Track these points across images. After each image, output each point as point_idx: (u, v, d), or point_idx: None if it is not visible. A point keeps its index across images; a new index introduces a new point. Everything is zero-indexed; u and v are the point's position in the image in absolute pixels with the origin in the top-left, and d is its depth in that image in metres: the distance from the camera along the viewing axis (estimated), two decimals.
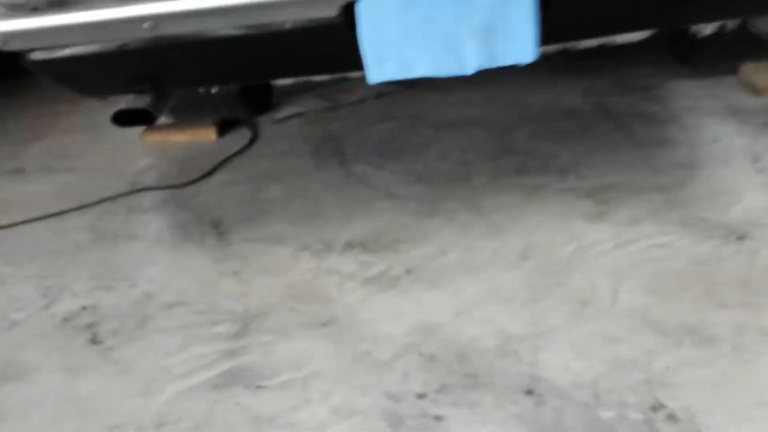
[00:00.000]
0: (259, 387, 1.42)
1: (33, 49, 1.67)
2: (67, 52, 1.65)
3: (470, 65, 1.58)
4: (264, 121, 2.78)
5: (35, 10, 1.60)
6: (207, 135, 2.71)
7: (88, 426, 1.39)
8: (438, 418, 1.28)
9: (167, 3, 1.53)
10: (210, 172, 2.40)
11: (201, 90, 2.61)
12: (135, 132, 2.79)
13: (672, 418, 1.21)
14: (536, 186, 2.01)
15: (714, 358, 1.32)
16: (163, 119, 2.78)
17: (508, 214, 1.89)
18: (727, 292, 1.48)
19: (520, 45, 1.55)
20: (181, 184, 2.35)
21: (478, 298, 1.59)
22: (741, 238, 1.65)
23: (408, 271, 1.72)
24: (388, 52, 1.56)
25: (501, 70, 2.95)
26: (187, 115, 2.74)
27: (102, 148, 2.78)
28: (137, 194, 2.33)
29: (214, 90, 2.61)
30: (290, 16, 1.54)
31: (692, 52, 2.53)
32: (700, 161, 2.01)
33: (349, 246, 1.86)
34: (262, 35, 1.58)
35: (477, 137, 2.38)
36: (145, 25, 1.56)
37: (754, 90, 2.37)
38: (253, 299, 1.70)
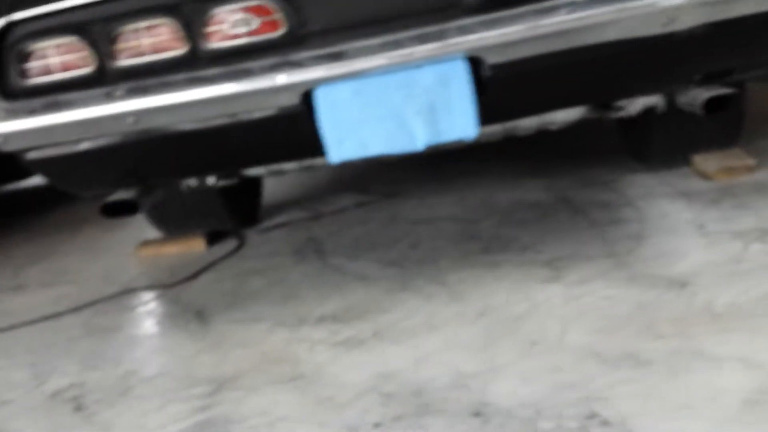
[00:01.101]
0: (228, 431, 1.51)
1: (30, 149, 1.88)
2: (59, 150, 1.86)
3: (420, 141, 1.76)
4: (250, 232, 2.97)
5: (32, 112, 1.82)
6: (196, 245, 2.88)
7: None
8: None
9: (148, 99, 1.75)
10: (197, 274, 2.56)
11: (191, 204, 2.83)
12: (129, 248, 2.98)
13: (605, 423, 1.29)
14: (497, 262, 2.15)
15: (647, 377, 1.41)
16: (154, 234, 2.99)
17: (470, 283, 2.02)
18: (665, 326, 1.59)
19: (462, 122, 1.74)
20: (169, 284, 2.50)
21: (437, 348, 1.69)
22: (683, 285, 1.77)
23: (374, 334, 1.83)
24: (346, 133, 1.76)
25: (472, 175, 3.18)
26: (177, 229, 2.93)
27: (98, 264, 2.95)
28: (129, 295, 2.47)
29: (202, 203, 2.83)
30: (257, 106, 1.76)
31: (645, 148, 2.75)
32: (649, 232, 2.16)
33: (322, 319, 1.98)
34: (233, 125, 1.79)
35: (447, 229, 2.54)
36: (129, 120, 1.77)
37: (705, 176, 2.55)
38: (228, 367, 1.81)
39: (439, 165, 3.54)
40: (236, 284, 2.39)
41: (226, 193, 2.84)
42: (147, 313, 2.32)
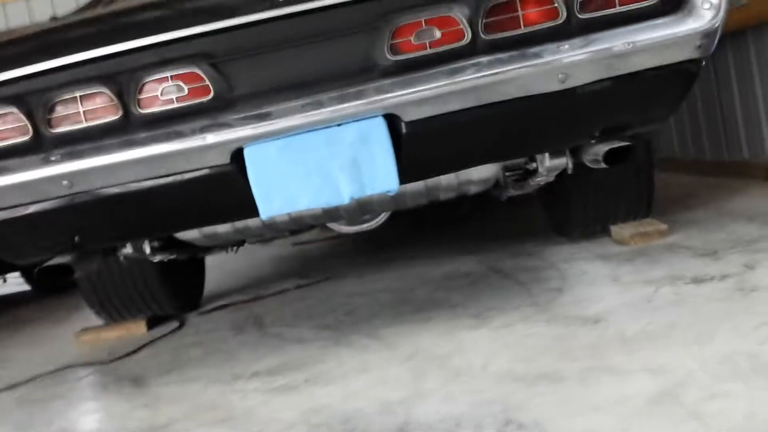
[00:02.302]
0: None
1: None
2: None
3: (345, 195, 1.87)
4: (191, 315, 3.00)
5: None
6: (137, 329, 2.89)
7: None
8: None
9: (82, 162, 1.84)
10: (135, 351, 2.57)
11: (131, 287, 2.87)
12: (70, 336, 2.97)
13: (521, 426, 1.35)
14: (429, 317, 2.23)
15: (562, 389, 1.48)
16: (95, 322, 2.99)
17: (402, 335, 2.09)
18: (579, 352, 1.68)
19: (384, 175, 1.86)
20: (107, 361, 2.50)
21: (366, 386, 1.74)
22: (597, 321, 1.87)
23: (306, 381, 1.87)
24: (274, 189, 1.86)
25: (409, 258, 3.30)
26: (118, 314, 2.95)
27: (39, 351, 2.93)
28: (66, 372, 2.46)
29: (143, 286, 2.87)
30: (189, 165, 1.85)
31: (566, 222, 2.92)
32: (569, 285, 2.28)
33: (256, 374, 2.01)
34: (166, 186, 1.88)
35: (383, 299, 2.62)
36: (64, 183, 1.85)
37: (621, 242, 2.71)
38: (160, 418, 1.81)
39: (376, 253, 3.66)
40: (174, 356, 2.41)
41: (167, 276, 2.88)
42: (83, 385, 2.30)
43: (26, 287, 5.00)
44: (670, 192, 3.67)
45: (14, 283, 5.40)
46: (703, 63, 1.91)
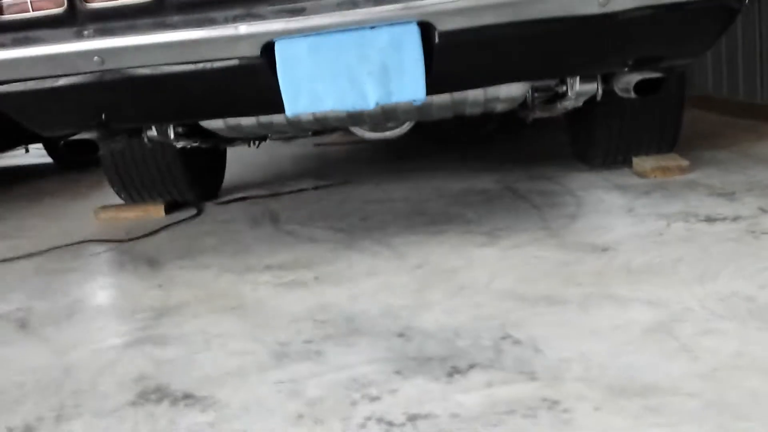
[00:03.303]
0: (164, 343, 1.58)
1: None
2: (26, 86, 1.94)
3: (371, 100, 1.87)
4: (209, 204, 3.06)
5: (2, 46, 1.90)
6: (156, 212, 2.96)
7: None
8: (318, 352, 1.45)
9: (114, 39, 1.85)
10: (152, 233, 2.63)
11: (153, 169, 2.91)
12: (89, 214, 3.04)
13: (517, 342, 1.39)
14: (441, 230, 2.26)
15: (561, 312, 1.52)
16: (115, 200, 3.06)
17: (413, 245, 2.13)
18: (583, 278, 1.71)
19: (411, 84, 1.85)
20: (125, 239, 2.57)
21: (373, 289, 1.79)
22: (605, 250, 1.89)
23: (316, 278, 1.93)
24: (302, 87, 1.86)
25: (428, 170, 3.30)
26: (138, 195, 3.01)
27: (57, 224, 3.01)
28: (83, 246, 2.54)
29: (164, 170, 2.92)
30: (219, 54, 1.86)
31: (590, 149, 2.91)
32: (583, 213, 2.30)
33: (269, 267, 2.07)
34: (196, 72, 1.88)
35: (397, 207, 2.66)
36: (95, 59, 1.87)
37: (641, 174, 2.70)
38: (172, 300, 1.88)
39: (396, 162, 3.67)
40: (190, 242, 2.47)
41: (189, 163, 2.92)
42: (100, 260, 2.38)
43: (48, 160, 5.08)
44: (698, 129, 3.63)
45: (37, 154, 5.49)
46: (745, 1, 1.86)
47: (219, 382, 1.37)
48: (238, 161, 4.09)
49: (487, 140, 3.92)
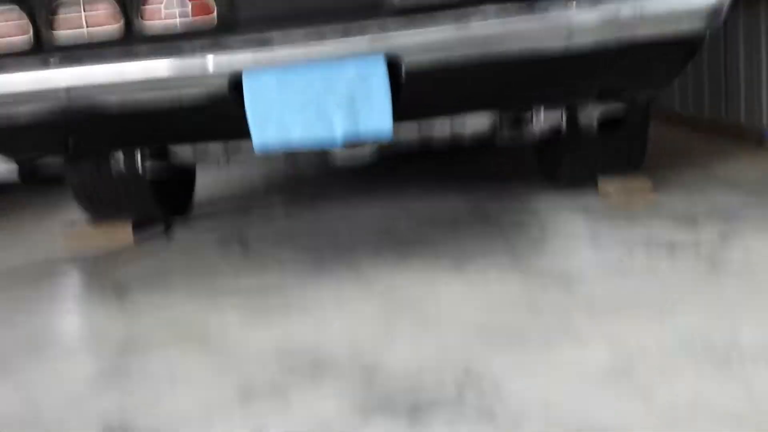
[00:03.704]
0: (130, 378, 1.59)
1: None
2: None
3: (339, 132, 1.88)
4: (178, 221, 3.05)
5: None
6: (123, 230, 2.91)
7: None
8: (283, 391, 1.46)
9: (81, 69, 1.84)
10: (119, 253, 2.62)
11: (121, 189, 2.90)
12: (57, 231, 3.02)
13: (479, 381, 1.41)
14: (409, 254, 2.28)
15: (523, 348, 1.55)
16: (82, 220, 3.03)
17: (380, 271, 2.15)
18: (546, 310, 1.74)
19: (379, 116, 1.87)
20: (91, 260, 2.56)
21: (339, 320, 1.81)
22: (568, 279, 1.92)
23: (283, 304, 1.94)
24: (269, 117, 1.87)
25: (397, 188, 3.32)
26: (106, 213, 2.98)
27: (24, 244, 2.98)
28: (48, 264, 2.52)
29: (133, 189, 2.90)
30: (186, 83, 1.86)
31: (556, 169, 2.94)
32: (549, 237, 2.33)
33: (235, 292, 2.08)
34: (163, 101, 1.89)
35: (366, 227, 2.67)
36: (61, 87, 1.86)
37: (607, 196, 2.75)
38: (138, 330, 1.88)
39: (366, 179, 3.69)
40: (157, 263, 2.47)
41: (157, 182, 2.91)
42: (65, 283, 2.37)
43: (14, 175, 5.01)
44: (664, 147, 3.70)
45: (2, 168, 5.41)
46: (707, 37, 1.90)
47: (184, 420, 1.38)
48: (210, 175, 4.07)
49: (457, 160, 3.94)
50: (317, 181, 3.76)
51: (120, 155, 2.35)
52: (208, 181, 3.79)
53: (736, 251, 2.00)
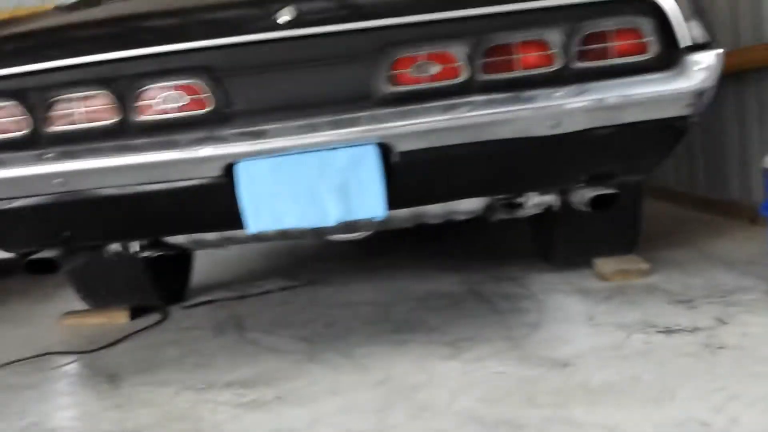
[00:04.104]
0: None
1: None
2: None
3: (332, 218, 1.91)
4: (175, 308, 3.04)
5: None
6: (120, 318, 2.93)
7: None
8: None
9: (76, 163, 1.87)
10: (115, 342, 2.60)
11: (117, 276, 2.90)
12: (53, 319, 3.01)
13: None
14: (404, 340, 2.27)
15: None
16: (80, 306, 3.03)
17: (376, 358, 2.13)
18: (543, 398, 1.71)
19: (372, 202, 1.90)
20: (87, 350, 2.54)
21: (334, 411, 1.78)
22: (565, 365, 1.91)
23: (277, 398, 1.91)
24: (263, 206, 1.90)
25: (393, 268, 3.34)
26: (102, 301, 2.99)
27: (20, 331, 2.97)
28: (45, 358, 2.50)
29: (129, 276, 2.91)
30: (182, 175, 1.89)
31: (551, 249, 2.95)
32: (545, 321, 2.32)
33: (229, 384, 2.05)
34: (158, 193, 1.91)
35: (362, 312, 2.66)
36: (57, 181, 1.89)
37: (602, 277, 2.74)
38: (129, 423, 1.85)
39: (362, 259, 3.70)
40: (152, 353, 2.45)
41: (154, 268, 2.92)
42: (60, 374, 2.34)
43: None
44: (659, 224, 3.71)
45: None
46: (693, 120, 1.94)
47: None
48: (207, 257, 4.08)
49: (451, 238, 3.96)
50: (315, 263, 3.76)
51: (116, 248, 2.37)
52: (206, 263, 3.80)
53: (733, 336, 1.98)
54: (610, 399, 1.67)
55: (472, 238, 3.86)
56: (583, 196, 2.07)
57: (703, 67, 1.85)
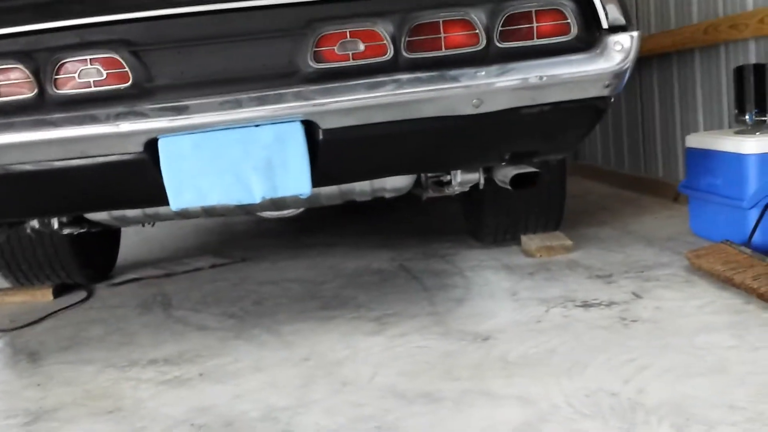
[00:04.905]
0: None
1: None
2: None
3: (257, 195, 1.89)
4: (101, 286, 2.99)
5: None
6: (43, 296, 2.87)
7: None
8: None
9: None
10: (37, 321, 2.55)
11: (40, 253, 2.83)
12: None
13: None
14: (332, 317, 2.28)
15: (437, 411, 1.56)
16: (1, 283, 2.95)
17: (302, 334, 2.14)
18: (462, 371, 1.76)
19: (297, 179, 1.89)
20: (7, 329, 2.48)
21: (256, 387, 1.79)
22: (485, 339, 1.95)
23: (200, 374, 1.91)
24: (186, 183, 1.87)
25: (326, 246, 3.34)
26: (24, 278, 2.91)
27: None
28: None
29: (52, 253, 2.84)
30: (101, 151, 1.85)
31: (480, 227, 3.00)
32: (470, 296, 2.36)
33: (153, 362, 2.04)
34: (77, 168, 1.87)
35: (292, 289, 2.67)
36: None
37: (528, 253, 2.81)
38: (49, 401, 1.83)
39: (295, 236, 3.69)
40: (75, 331, 2.41)
41: (78, 245, 2.86)
42: None
43: None
44: (585, 202, 3.81)
45: None
46: (612, 100, 1.99)
47: None
48: (136, 234, 4.02)
49: (384, 217, 3.98)
50: (247, 240, 3.74)
51: (35, 225, 2.31)
52: (135, 240, 3.74)
53: (648, 310, 2.06)
54: (526, 371, 1.72)
55: (404, 216, 3.89)
56: (506, 174, 2.11)
57: (622, 48, 1.90)
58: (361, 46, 1.86)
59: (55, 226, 2.36)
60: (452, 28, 1.87)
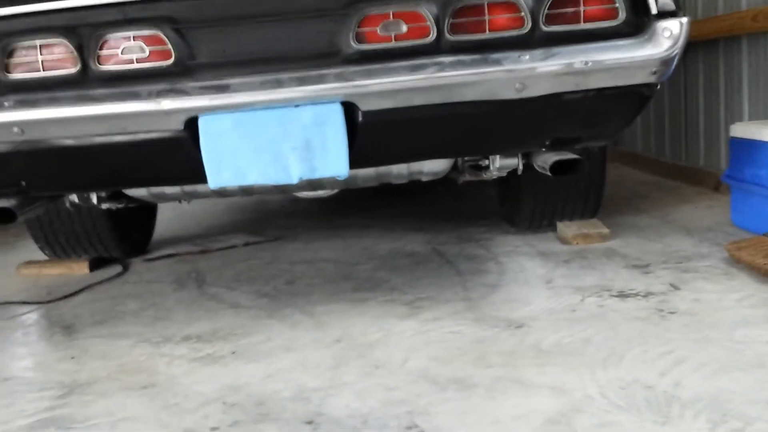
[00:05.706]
0: (70, 426, 1.55)
1: None
2: None
3: (294, 175, 1.89)
4: (136, 260, 3.02)
5: None
6: (80, 269, 2.91)
7: None
8: None
9: (35, 111, 1.83)
10: (74, 294, 2.59)
11: (78, 227, 2.87)
12: (11, 267, 2.98)
13: (422, 425, 1.41)
14: (365, 299, 2.28)
15: (469, 397, 1.55)
16: (40, 256, 3.00)
17: (334, 315, 2.14)
18: (494, 358, 1.74)
19: (335, 161, 1.88)
20: (44, 301, 2.52)
21: (288, 367, 1.79)
22: (519, 326, 1.93)
23: (233, 353, 1.92)
24: (224, 162, 1.87)
25: (360, 227, 3.34)
26: (62, 251, 2.95)
27: None
28: (2, 306, 2.48)
29: (90, 227, 2.87)
30: (142, 127, 1.86)
31: (516, 213, 2.97)
32: (504, 282, 2.34)
33: (186, 338, 2.05)
34: (118, 145, 1.88)
35: (325, 270, 2.67)
36: (15, 130, 1.85)
37: (564, 240, 2.77)
38: (83, 374, 1.85)
39: (329, 217, 3.69)
40: (110, 305, 2.44)
41: (115, 220, 2.89)
42: (16, 324, 2.33)
43: None
44: (624, 190, 3.75)
45: None
46: (657, 87, 1.94)
47: None
48: (172, 210, 4.06)
49: (420, 200, 3.96)
50: (280, 219, 3.75)
51: (74, 199, 2.33)
52: (170, 217, 3.78)
53: (686, 302, 2.02)
54: (559, 360, 1.70)
55: (440, 204, 3.87)
56: (546, 160, 2.08)
57: (670, 34, 1.85)
58: (404, 28, 1.83)
59: (94, 200, 2.38)
60: (497, 10, 1.84)
